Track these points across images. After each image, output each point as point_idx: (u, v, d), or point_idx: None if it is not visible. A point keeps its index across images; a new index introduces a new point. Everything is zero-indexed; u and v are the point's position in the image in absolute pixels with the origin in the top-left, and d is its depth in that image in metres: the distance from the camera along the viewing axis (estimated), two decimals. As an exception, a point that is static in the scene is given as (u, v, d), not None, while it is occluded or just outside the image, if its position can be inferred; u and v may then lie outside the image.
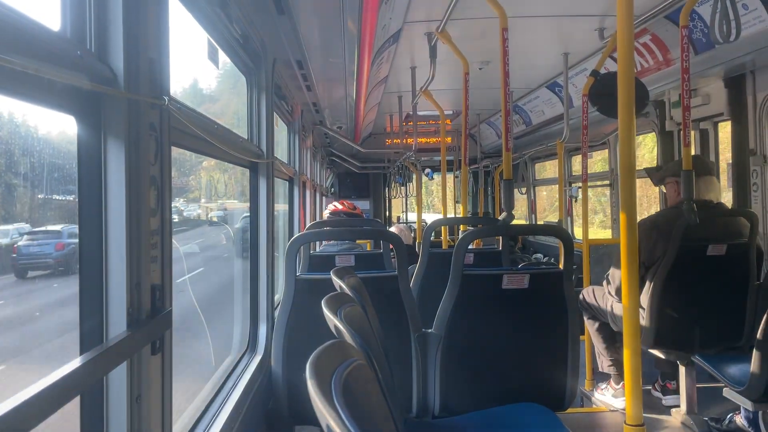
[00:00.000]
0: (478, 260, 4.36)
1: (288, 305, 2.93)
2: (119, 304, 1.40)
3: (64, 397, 1.10)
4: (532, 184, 10.02)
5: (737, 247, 3.45)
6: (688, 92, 3.44)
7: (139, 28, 1.47)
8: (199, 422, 2.33)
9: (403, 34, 4.63)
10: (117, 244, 1.40)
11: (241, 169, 3.45)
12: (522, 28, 4.59)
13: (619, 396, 4.03)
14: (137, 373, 1.44)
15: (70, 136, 1.41)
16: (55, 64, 1.19)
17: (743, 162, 4.39)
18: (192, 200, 7.14)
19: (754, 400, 2.83)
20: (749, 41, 3.58)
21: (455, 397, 2.80)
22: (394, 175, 10.29)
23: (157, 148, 1.55)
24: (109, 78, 1.39)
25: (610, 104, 4.30)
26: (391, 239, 3.12)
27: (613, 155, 6.86)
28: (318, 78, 4.59)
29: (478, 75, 5.91)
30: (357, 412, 0.97)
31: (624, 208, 2.31)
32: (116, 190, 1.40)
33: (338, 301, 1.75)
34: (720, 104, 4.60)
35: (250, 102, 3.41)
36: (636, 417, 2.20)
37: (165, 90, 1.61)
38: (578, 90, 5.50)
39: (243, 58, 3.22)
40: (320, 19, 3.31)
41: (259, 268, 3.31)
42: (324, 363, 1.05)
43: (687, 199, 3.34)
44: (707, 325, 3.48)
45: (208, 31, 2.70)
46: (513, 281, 2.75)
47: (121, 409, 1.40)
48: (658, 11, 3.90)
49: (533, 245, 9.88)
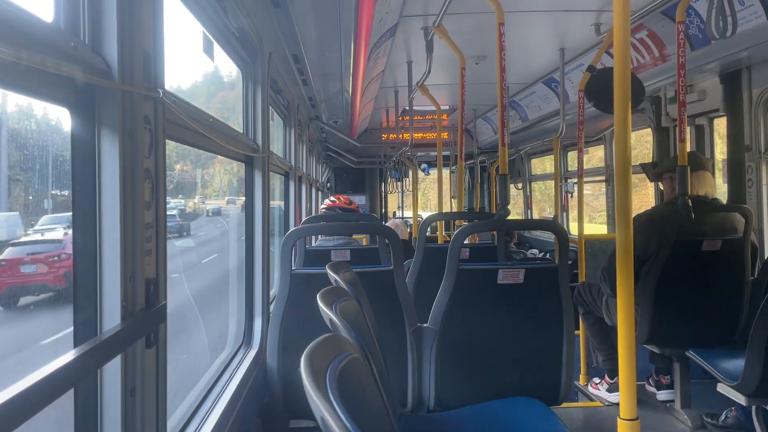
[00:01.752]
0: (473, 255, 4.37)
1: (283, 299, 2.93)
2: (113, 297, 1.39)
3: (58, 389, 1.10)
4: (528, 180, 10.03)
5: (732, 242, 3.46)
6: (684, 88, 3.44)
7: (133, 19, 1.46)
8: (194, 416, 2.33)
9: (400, 28, 4.62)
10: (111, 238, 1.40)
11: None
12: (519, 23, 4.58)
13: (613, 390, 4.04)
14: (131, 366, 1.44)
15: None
16: (49, 55, 1.18)
17: (739, 158, 4.40)
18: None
19: (748, 395, 2.84)
20: (745, 37, 3.58)
21: (450, 391, 2.81)
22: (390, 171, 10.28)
23: (151, 141, 1.54)
24: (103, 70, 1.38)
25: (607, 100, 4.30)
26: (387, 234, 3.12)
27: (609, 151, 6.87)
28: (314, 72, 4.58)
29: (475, 70, 5.90)
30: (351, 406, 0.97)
31: (619, 204, 2.31)
32: (110, 183, 1.40)
33: (334, 295, 1.75)
34: (716, 100, 4.60)
35: (246, 96, 3.40)
36: (630, 411, 2.20)
37: (159, 82, 1.60)
38: (574, 85, 5.50)
39: (239, 51, 3.21)
40: (316, 13, 3.29)
41: (254, 263, 3.31)
42: (319, 357, 1.05)
43: (682, 194, 3.35)
44: (701, 320, 3.49)
45: (203, 24, 2.68)
46: (508, 276, 2.75)
47: (115, 403, 1.40)
48: (654, 6, 3.90)
49: (529, 240, 9.89)
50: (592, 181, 7.51)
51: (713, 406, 3.55)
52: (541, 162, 10.20)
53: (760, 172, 4.26)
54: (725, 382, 2.97)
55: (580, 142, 4.78)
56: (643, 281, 3.43)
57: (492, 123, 9.47)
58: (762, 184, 4.26)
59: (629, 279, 2.30)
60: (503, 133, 3.31)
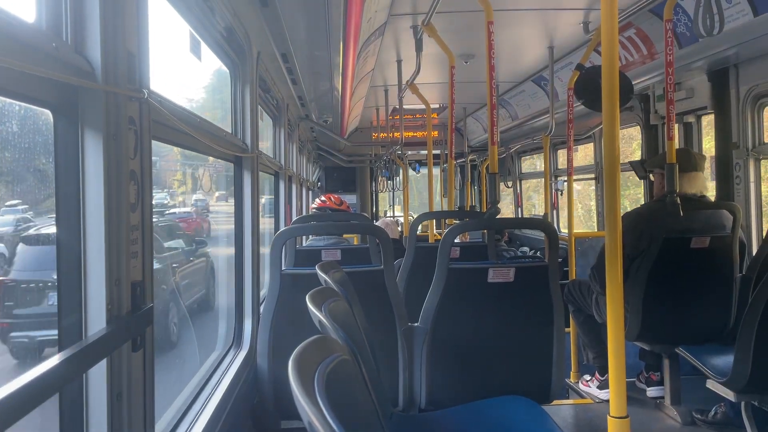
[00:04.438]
0: (464, 254, 4.37)
1: (273, 300, 2.92)
2: (98, 300, 1.38)
3: (43, 394, 1.08)
4: (518, 178, 10.05)
5: (720, 239, 3.48)
6: (672, 86, 3.45)
7: (117, 19, 1.44)
8: (183, 419, 2.31)
9: (389, 27, 4.61)
10: (96, 240, 1.38)
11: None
12: (508, 22, 4.58)
13: (604, 387, 4.06)
14: (117, 370, 1.43)
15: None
16: (30, 56, 1.16)
17: (726, 155, 4.43)
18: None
19: (737, 391, 2.86)
20: (733, 35, 3.60)
21: (441, 390, 2.81)
22: (381, 170, 10.27)
23: (137, 142, 1.52)
24: (87, 71, 1.37)
25: (595, 98, 4.31)
26: (377, 234, 3.11)
27: (599, 149, 6.90)
28: (303, 71, 4.56)
29: (464, 69, 5.90)
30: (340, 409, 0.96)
31: (608, 201, 2.32)
32: (95, 185, 1.38)
33: (323, 295, 1.74)
34: (704, 98, 4.63)
35: (234, 95, 3.38)
36: (620, 409, 2.21)
37: (144, 83, 1.58)
38: (564, 84, 5.51)
39: (227, 51, 3.19)
40: (305, 12, 3.28)
41: (243, 263, 3.29)
42: (307, 359, 1.05)
43: (670, 191, 3.36)
44: (691, 317, 3.51)
45: (190, 24, 2.66)
46: (499, 275, 2.75)
47: (101, 407, 1.38)
48: (642, 5, 3.91)
49: (519, 238, 9.92)
50: (581, 179, 7.53)
51: (703, 403, 3.57)
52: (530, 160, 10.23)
53: (747, 170, 4.29)
54: (715, 378, 2.99)
55: (569, 140, 4.79)
56: (633, 278, 3.45)
57: (482, 121, 9.48)
58: (750, 181, 4.29)
59: (618, 276, 2.30)
60: (493, 132, 3.31)
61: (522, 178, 10.12)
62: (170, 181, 4.76)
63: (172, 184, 5.01)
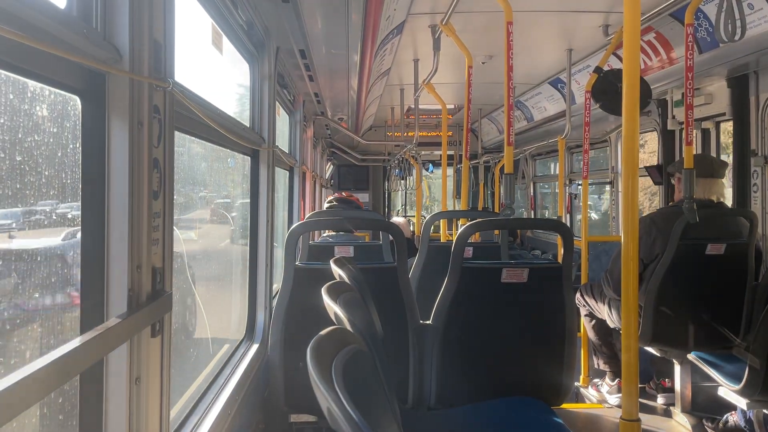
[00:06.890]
0: (477, 254, 4.36)
1: (287, 294, 2.93)
2: (120, 285, 1.40)
3: (64, 376, 1.10)
4: (533, 181, 10.02)
5: (736, 246, 3.45)
6: (692, 91, 3.43)
7: (144, 9, 1.46)
8: (195, 408, 2.33)
9: (407, 25, 4.61)
10: (119, 226, 1.40)
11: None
12: (526, 23, 4.57)
13: (613, 393, 4.04)
14: (137, 354, 1.44)
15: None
16: (61, 41, 1.18)
17: (744, 162, 4.39)
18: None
19: (749, 399, 2.84)
20: (754, 41, 3.57)
21: (451, 389, 2.81)
22: (394, 168, 10.27)
23: (161, 131, 1.54)
24: (114, 58, 1.38)
25: (613, 102, 4.30)
26: (391, 230, 3.11)
27: (614, 153, 6.86)
28: (320, 68, 4.58)
29: (481, 69, 5.89)
30: (356, 397, 0.97)
31: (626, 206, 2.31)
32: (119, 172, 1.40)
33: (338, 289, 1.75)
34: (722, 104, 4.59)
35: (253, 89, 3.40)
36: (631, 411, 2.20)
37: (170, 73, 1.60)
38: (581, 87, 5.48)
39: (246, 45, 3.21)
40: (324, 9, 3.29)
41: (258, 256, 3.31)
42: (324, 348, 1.06)
43: (687, 197, 3.34)
44: (704, 324, 3.48)
45: (212, 17, 2.69)
46: (512, 275, 2.74)
47: (120, 390, 1.40)
48: (663, 8, 3.89)
49: (531, 241, 9.88)
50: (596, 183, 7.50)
51: (713, 411, 3.55)
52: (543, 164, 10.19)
53: (765, 177, 4.25)
54: (727, 385, 2.97)
55: (585, 144, 4.78)
56: (647, 283, 3.43)
57: (497, 123, 9.46)
58: (767, 189, 4.25)
59: (633, 281, 2.29)
60: (509, 133, 3.31)
61: (536, 180, 10.09)
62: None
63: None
